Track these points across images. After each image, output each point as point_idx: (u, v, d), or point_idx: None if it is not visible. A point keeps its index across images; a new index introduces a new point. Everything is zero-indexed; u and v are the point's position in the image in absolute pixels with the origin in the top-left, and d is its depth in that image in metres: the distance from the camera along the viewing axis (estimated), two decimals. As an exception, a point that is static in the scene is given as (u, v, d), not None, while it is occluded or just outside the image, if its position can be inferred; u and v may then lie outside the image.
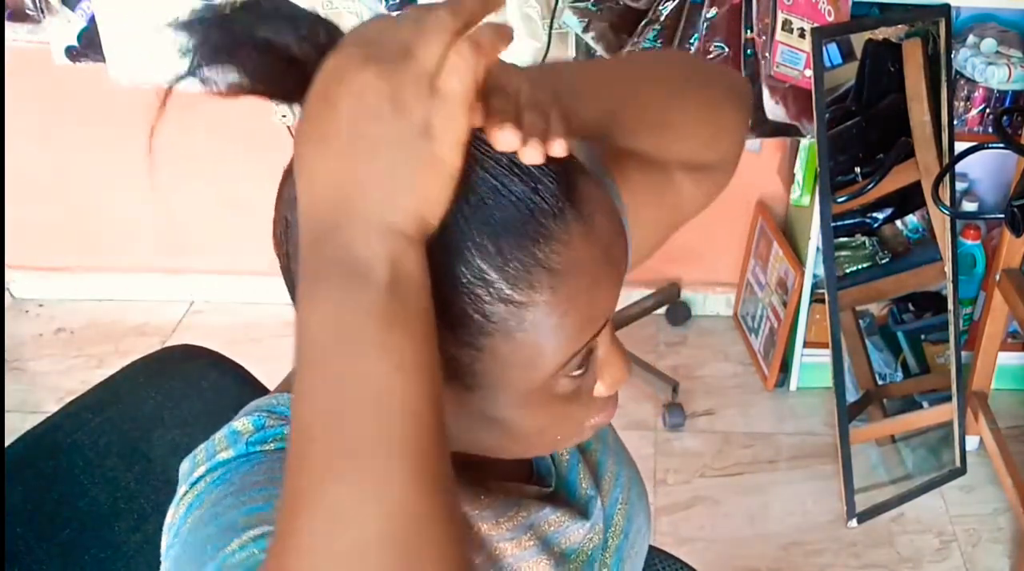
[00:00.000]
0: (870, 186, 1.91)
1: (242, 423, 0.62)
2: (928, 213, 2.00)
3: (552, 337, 0.53)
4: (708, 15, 1.84)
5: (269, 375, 0.84)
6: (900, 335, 2.15)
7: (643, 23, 1.88)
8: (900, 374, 2.16)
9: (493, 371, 0.54)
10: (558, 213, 0.52)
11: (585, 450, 0.75)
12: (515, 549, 0.64)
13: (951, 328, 2.00)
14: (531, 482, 0.70)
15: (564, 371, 0.56)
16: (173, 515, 0.60)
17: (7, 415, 2.12)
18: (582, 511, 0.70)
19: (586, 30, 1.87)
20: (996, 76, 1.86)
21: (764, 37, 1.85)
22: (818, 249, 2.08)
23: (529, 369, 0.54)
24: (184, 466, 0.63)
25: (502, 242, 0.51)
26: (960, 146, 1.83)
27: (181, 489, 0.61)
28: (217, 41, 0.48)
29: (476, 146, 0.50)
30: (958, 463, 2.09)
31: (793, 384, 2.33)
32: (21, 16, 1.92)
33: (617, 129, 0.62)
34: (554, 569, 0.66)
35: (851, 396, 2.04)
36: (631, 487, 0.77)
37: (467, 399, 0.56)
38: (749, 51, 1.89)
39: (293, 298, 0.58)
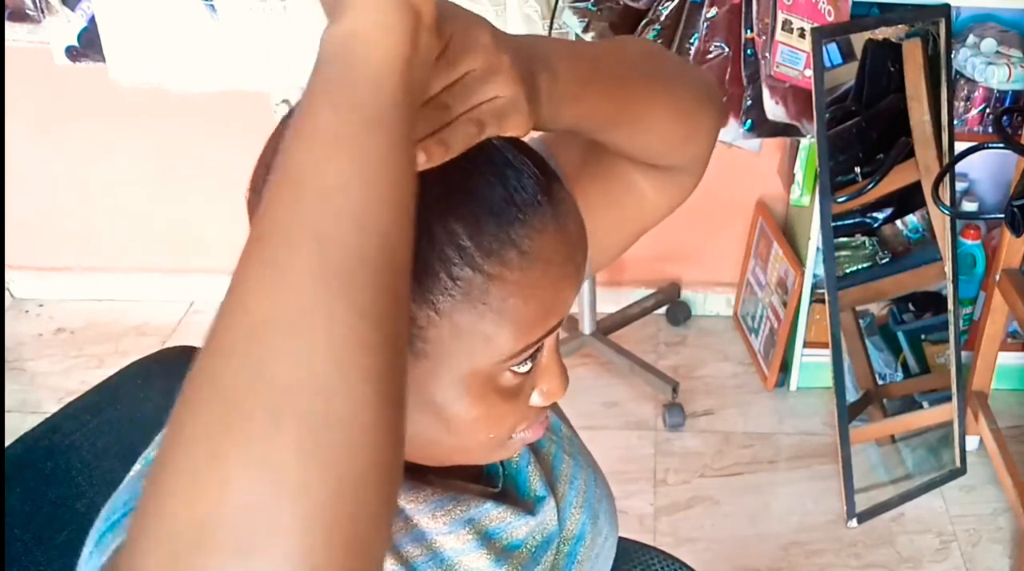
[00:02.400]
0: (870, 186, 1.91)
1: None
2: (928, 213, 2.00)
3: (511, 320, 0.55)
4: (708, 15, 1.84)
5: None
6: (900, 335, 2.15)
7: (643, 23, 1.88)
8: (900, 374, 2.16)
9: (445, 342, 0.55)
10: (535, 205, 0.55)
11: (538, 451, 0.75)
12: (454, 543, 0.65)
13: (951, 328, 2.00)
14: (479, 483, 0.70)
15: (512, 363, 0.57)
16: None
17: (7, 415, 2.12)
18: (529, 508, 0.70)
19: (586, 30, 1.87)
20: (996, 76, 1.86)
21: (764, 37, 1.85)
22: (818, 249, 2.08)
23: (481, 350, 0.55)
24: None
25: (481, 216, 0.53)
26: (960, 146, 1.83)
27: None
28: None
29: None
30: (958, 463, 2.09)
31: (793, 384, 2.33)
32: (21, 16, 1.92)
33: (595, 123, 0.61)
34: (495, 563, 0.66)
35: (851, 396, 2.04)
36: (588, 490, 0.77)
37: (410, 369, 0.56)
38: (749, 51, 1.89)
39: None
